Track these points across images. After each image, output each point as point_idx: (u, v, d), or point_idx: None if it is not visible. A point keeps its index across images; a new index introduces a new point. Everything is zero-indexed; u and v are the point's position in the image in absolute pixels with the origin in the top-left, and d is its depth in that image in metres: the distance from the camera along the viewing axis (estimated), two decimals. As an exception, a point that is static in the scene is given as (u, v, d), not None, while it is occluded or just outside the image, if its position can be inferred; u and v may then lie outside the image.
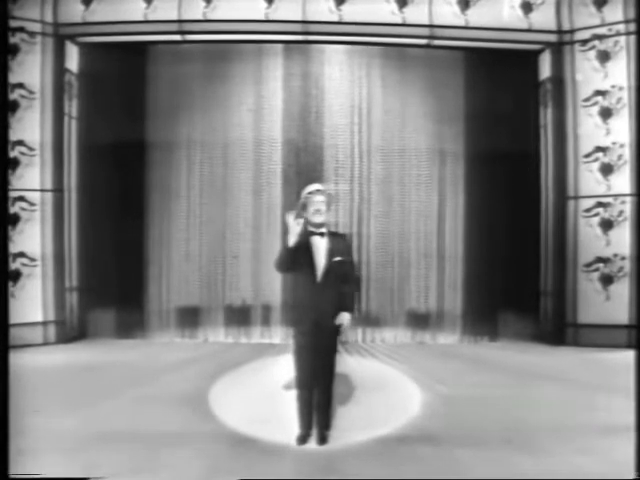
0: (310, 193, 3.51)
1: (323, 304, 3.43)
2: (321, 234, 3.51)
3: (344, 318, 3.52)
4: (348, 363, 5.85)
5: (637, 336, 4.82)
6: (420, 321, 7.50)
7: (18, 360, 3.28)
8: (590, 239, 7.03)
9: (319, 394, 3.55)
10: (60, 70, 7.04)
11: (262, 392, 4.72)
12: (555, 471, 3.13)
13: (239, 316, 7.43)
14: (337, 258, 3.45)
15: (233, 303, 7.45)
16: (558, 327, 7.21)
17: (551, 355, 6.57)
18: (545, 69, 7.46)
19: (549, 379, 5.31)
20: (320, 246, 3.47)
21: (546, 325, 7.41)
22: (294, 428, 3.59)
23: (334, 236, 3.59)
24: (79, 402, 4.33)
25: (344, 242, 3.63)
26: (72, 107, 7.26)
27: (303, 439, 3.55)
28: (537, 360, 6.28)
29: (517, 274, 7.25)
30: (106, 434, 3.66)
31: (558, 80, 7.25)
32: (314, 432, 3.57)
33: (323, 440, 3.55)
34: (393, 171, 7.55)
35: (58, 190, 7.05)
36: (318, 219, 3.48)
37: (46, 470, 2.95)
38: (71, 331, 7.15)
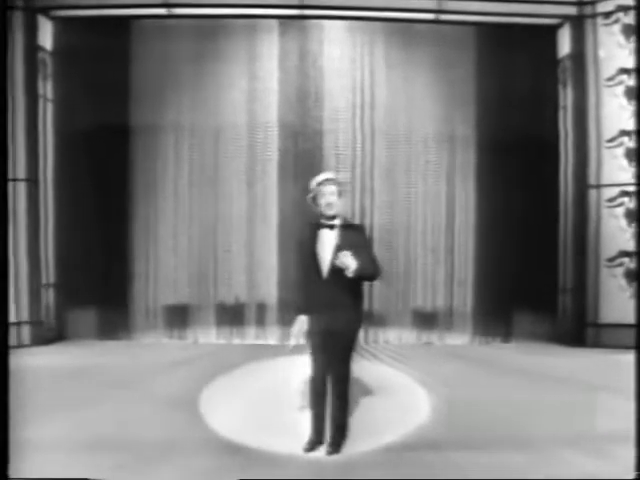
0: (320, 184, 3.36)
1: (331, 302, 3.29)
2: (331, 226, 3.36)
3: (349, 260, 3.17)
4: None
5: (637, 336, 4.68)
6: (427, 320, 7.31)
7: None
8: (614, 231, 6.79)
9: (333, 398, 3.41)
10: (32, 48, 6.74)
11: (257, 397, 4.57)
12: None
13: (232, 315, 7.22)
14: (346, 252, 3.21)
15: (225, 301, 7.25)
16: (578, 327, 7.02)
17: (570, 357, 6.39)
18: (564, 45, 7.19)
19: (568, 383, 5.13)
20: (328, 239, 3.34)
21: (565, 325, 7.20)
22: (289, 436, 3.52)
23: (347, 228, 3.40)
24: (56, 409, 4.15)
25: (359, 234, 3.42)
26: (47, 88, 6.98)
27: (312, 445, 3.41)
28: (555, 363, 6.11)
29: (533, 269, 7.02)
30: (85, 443, 3.53)
31: (579, 57, 7.01)
32: (326, 440, 3.42)
33: (335, 449, 3.38)
34: (398, 158, 7.33)
35: (32, 180, 6.79)
36: (330, 212, 3.34)
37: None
38: (48, 332, 6.91)
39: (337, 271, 3.23)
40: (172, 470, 3.17)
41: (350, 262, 3.13)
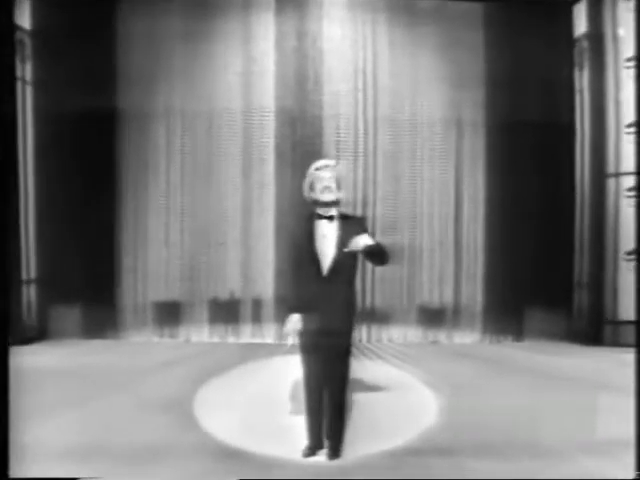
0: (318, 169, 3.27)
1: (331, 301, 3.18)
2: (330, 217, 3.23)
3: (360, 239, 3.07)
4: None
5: (636, 335, 4.73)
6: (433, 318, 7.22)
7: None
8: (633, 222, 6.60)
9: (329, 402, 3.32)
10: (8, 27, 6.34)
11: (254, 399, 4.47)
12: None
13: (226, 312, 7.13)
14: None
15: (219, 297, 7.15)
16: (595, 324, 6.94)
17: (586, 357, 6.31)
18: (581, 23, 7.08)
19: (584, 385, 5.00)
20: (328, 232, 3.23)
21: (581, 322, 7.11)
22: (287, 440, 3.44)
23: (347, 220, 3.30)
24: (40, 413, 3.95)
25: (360, 226, 3.27)
26: (26, 71, 6.79)
27: (310, 451, 3.33)
28: (570, 363, 6.00)
29: (547, 263, 6.96)
30: (72, 449, 3.39)
31: (596, 36, 6.91)
32: (325, 444, 3.34)
33: (335, 453, 3.29)
34: (403, 145, 7.22)
35: (11, 167, 6.50)
36: (327, 197, 3.21)
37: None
38: (29, 331, 6.74)
39: (338, 267, 3.17)
40: (168, 473, 3.11)
41: (364, 240, 3.04)
